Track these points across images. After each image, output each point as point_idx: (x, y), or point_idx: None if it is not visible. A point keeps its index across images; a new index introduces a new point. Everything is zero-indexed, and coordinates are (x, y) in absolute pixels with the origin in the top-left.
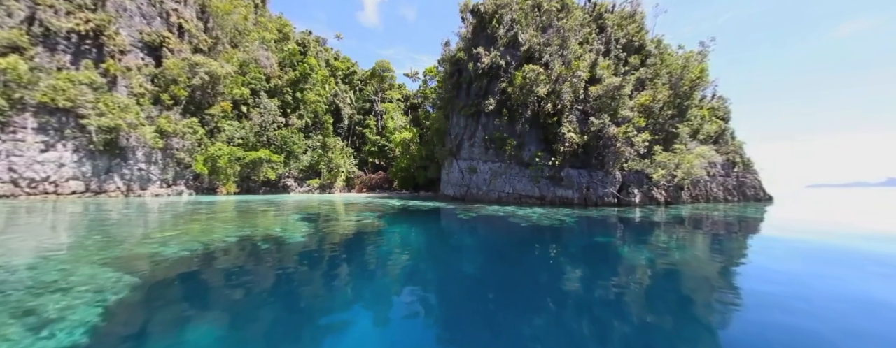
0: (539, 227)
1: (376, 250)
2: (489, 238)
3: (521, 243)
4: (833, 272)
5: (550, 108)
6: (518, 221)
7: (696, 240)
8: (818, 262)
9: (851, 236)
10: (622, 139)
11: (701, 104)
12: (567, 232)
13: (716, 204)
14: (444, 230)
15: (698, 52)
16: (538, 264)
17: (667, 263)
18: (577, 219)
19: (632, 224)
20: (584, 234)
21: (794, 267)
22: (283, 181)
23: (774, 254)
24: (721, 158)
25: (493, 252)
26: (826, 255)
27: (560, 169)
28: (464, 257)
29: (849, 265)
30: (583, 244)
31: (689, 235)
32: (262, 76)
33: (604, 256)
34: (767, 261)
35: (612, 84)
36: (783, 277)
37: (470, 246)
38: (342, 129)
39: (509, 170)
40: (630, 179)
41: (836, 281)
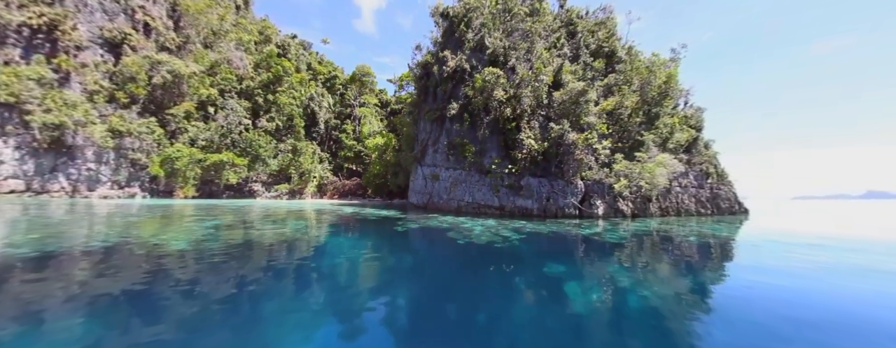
0: (471, 247)
1: (236, 268)
2: (401, 260)
3: (433, 269)
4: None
5: (509, 113)
6: (455, 237)
7: (658, 274)
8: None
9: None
10: (582, 146)
11: (674, 112)
12: (499, 255)
13: (687, 217)
14: (356, 245)
15: (670, 59)
16: (423, 298)
17: (617, 316)
18: (525, 235)
19: (585, 245)
20: (517, 259)
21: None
22: (249, 186)
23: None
24: (683, 167)
25: (382, 279)
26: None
27: (520, 177)
28: (331, 285)
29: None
30: (505, 276)
31: (652, 263)
32: (233, 77)
33: (524, 302)
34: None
35: (575, 89)
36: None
37: (365, 269)
38: (318, 134)
39: (469, 179)
40: (594, 190)
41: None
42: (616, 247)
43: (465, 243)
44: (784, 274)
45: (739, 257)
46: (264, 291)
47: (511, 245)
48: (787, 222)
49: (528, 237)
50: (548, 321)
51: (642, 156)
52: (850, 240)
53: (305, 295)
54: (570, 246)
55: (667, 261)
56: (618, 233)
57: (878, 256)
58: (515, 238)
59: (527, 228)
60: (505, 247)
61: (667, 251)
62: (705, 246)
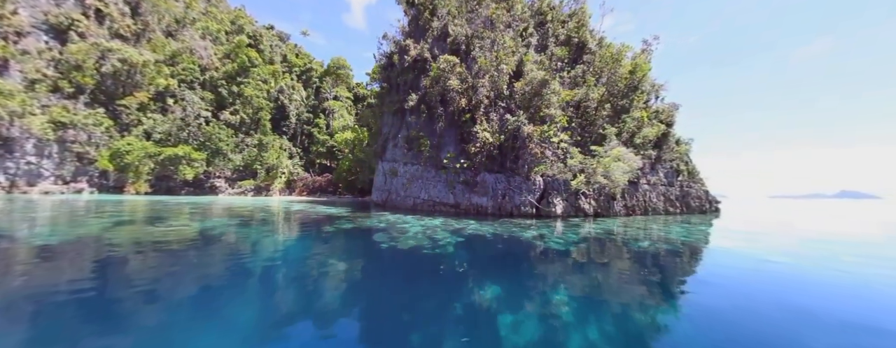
0: (390, 254)
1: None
2: (287, 271)
3: (312, 284)
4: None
5: (464, 104)
6: (382, 241)
7: (586, 302)
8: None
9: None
10: (537, 139)
11: (645, 106)
12: (414, 266)
13: (655, 216)
14: (253, 250)
15: (641, 50)
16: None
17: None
18: (463, 239)
19: (524, 253)
20: (428, 272)
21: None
22: (210, 181)
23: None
24: (641, 162)
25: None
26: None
27: (477, 173)
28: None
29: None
30: (395, 297)
31: (604, 280)
32: (195, 67)
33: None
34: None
35: (536, 79)
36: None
37: (223, 282)
38: (288, 128)
39: (426, 175)
40: (554, 187)
41: None
42: (558, 256)
43: (388, 247)
44: (724, 294)
45: (684, 269)
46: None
47: (438, 252)
48: (752, 222)
49: (466, 241)
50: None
51: (599, 150)
52: (804, 249)
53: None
54: (506, 254)
55: (605, 279)
56: (568, 237)
57: (818, 269)
58: (450, 242)
59: (469, 229)
60: (430, 254)
61: (609, 263)
62: (654, 255)
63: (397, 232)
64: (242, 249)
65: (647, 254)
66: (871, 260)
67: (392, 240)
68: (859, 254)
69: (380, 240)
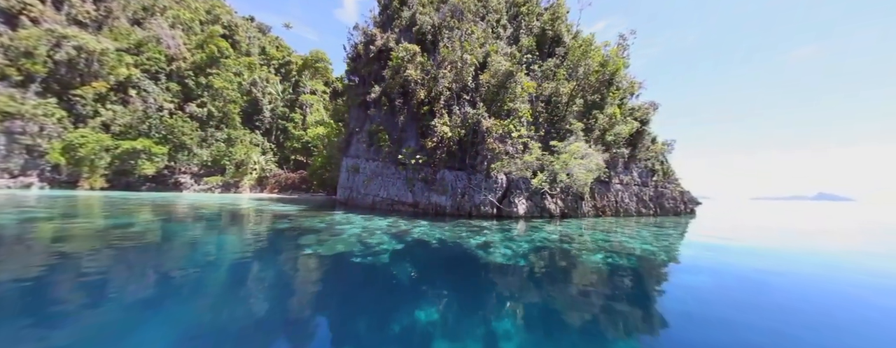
0: (313, 260)
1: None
2: (174, 281)
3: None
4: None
5: (423, 96)
6: (307, 244)
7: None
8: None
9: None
10: (496, 134)
11: (622, 104)
12: (319, 279)
13: (627, 218)
14: (156, 255)
15: (617, 45)
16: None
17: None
18: (403, 246)
19: (462, 266)
20: (336, 290)
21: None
22: (174, 177)
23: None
24: (600, 158)
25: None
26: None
27: (437, 171)
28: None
29: None
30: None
31: (525, 319)
32: (161, 57)
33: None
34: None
35: (500, 70)
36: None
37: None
38: (262, 122)
39: (385, 171)
40: (518, 185)
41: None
42: (492, 276)
43: (310, 253)
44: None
45: (628, 300)
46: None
47: (359, 262)
48: (725, 229)
49: (402, 249)
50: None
51: (559, 146)
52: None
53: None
54: (437, 268)
55: (527, 318)
56: (517, 247)
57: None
58: (384, 249)
59: (415, 233)
60: (350, 263)
61: (544, 289)
62: (602, 275)
63: (331, 234)
64: (129, 250)
65: (596, 272)
66: (871, 293)
67: (320, 243)
68: (848, 270)
69: (307, 242)
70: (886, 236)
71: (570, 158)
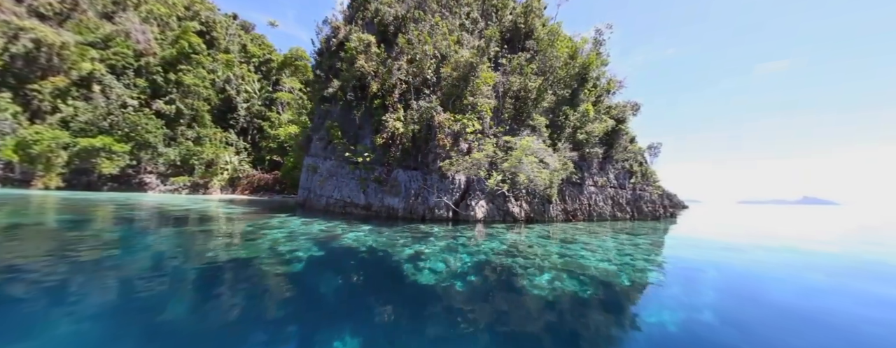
0: (182, 269)
1: None
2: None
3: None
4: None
5: (376, 89)
6: (211, 249)
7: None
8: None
9: None
10: (449, 129)
11: (599, 101)
12: (188, 293)
13: (601, 222)
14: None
15: (593, 40)
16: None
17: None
18: (323, 254)
19: (384, 286)
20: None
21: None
22: (139, 177)
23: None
24: (553, 157)
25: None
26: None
27: (391, 170)
28: None
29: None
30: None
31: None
32: (128, 52)
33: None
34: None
35: (461, 62)
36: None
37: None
38: (236, 121)
39: (340, 171)
40: (477, 186)
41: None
42: (410, 302)
43: (205, 259)
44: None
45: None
46: None
47: (263, 271)
48: (703, 235)
49: (319, 259)
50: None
51: (511, 141)
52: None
53: None
54: (342, 287)
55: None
56: (459, 259)
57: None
58: (297, 257)
59: (347, 239)
60: (248, 274)
61: (463, 329)
62: (544, 306)
63: (247, 238)
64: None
65: (533, 305)
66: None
67: (226, 248)
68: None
69: (210, 247)
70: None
71: (522, 155)
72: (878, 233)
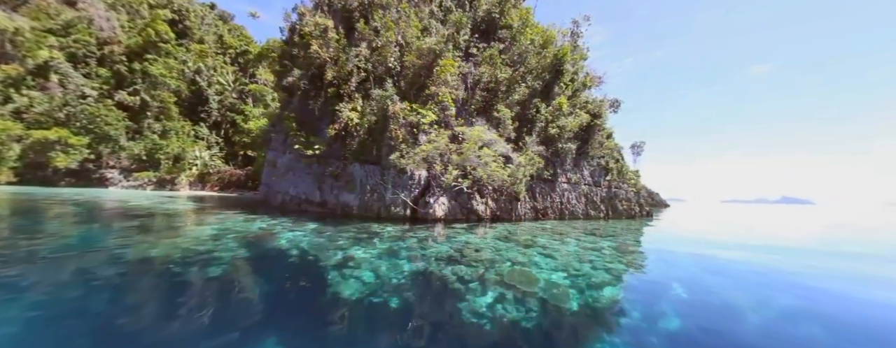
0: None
1: None
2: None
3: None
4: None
5: (331, 76)
6: (122, 246)
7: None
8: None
9: None
10: (404, 120)
11: (575, 96)
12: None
13: (572, 221)
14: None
15: (571, 32)
16: None
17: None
18: (246, 256)
19: (303, 293)
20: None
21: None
22: (100, 172)
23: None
24: (505, 146)
25: None
26: None
27: (348, 164)
28: None
29: None
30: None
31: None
32: (90, 40)
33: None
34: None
35: (423, 49)
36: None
37: None
38: (208, 114)
39: (296, 165)
40: (436, 182)
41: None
42: (312, 323)
43: (109, 256)
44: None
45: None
46: None
47: (161, 274)
48: (679, 237)
49: (237, 262)
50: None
51: (463, 132)
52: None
53: None
54: (240, 302)
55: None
56: (396, 267)
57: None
58: (216, 257)
59: (285, 238)
60: (143, 279)
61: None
62: (479, 334)
63: (169, 237)
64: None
65: (462, 340)
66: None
67: (141, 245)
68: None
69: (125, 243)
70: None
71: (473, 147)
72: (851, 232)
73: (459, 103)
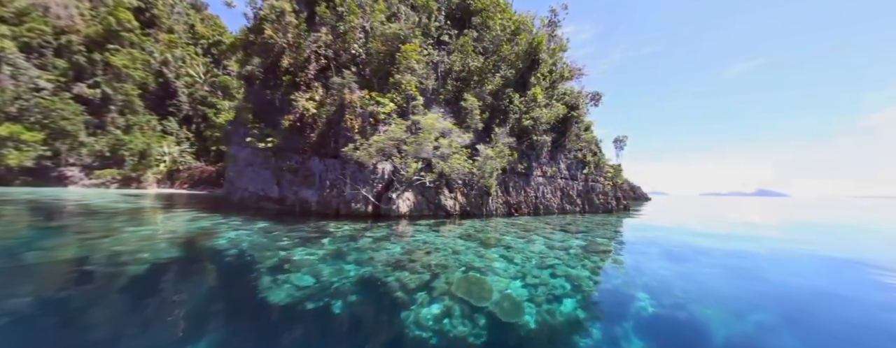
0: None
1: None
2: None
3: None
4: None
5: (286, 64)
6: (38, 249)
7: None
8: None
9: None
10: (361, 109)
11: (553, 87)
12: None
13: (547, 216)
14: None
15: (549, 21)
16: None
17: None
18: (167, 260)
19: (227, 302)
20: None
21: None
22: (59, 170)
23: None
24: (464, 136)
25: None
26: None
27: (308, 158)
28: None
29: None
30: None
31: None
32: (45, 28)
33: None
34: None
35: (387, 34)
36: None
37: None
38: (177, 108)
39: (255, 160)
40: (395, 176)
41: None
42: (255, 319)
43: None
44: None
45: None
46: None
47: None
48: (649, 229)
49: (164, 264)
50: None
51: (418, 120)
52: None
53: None
54: (164, 302)
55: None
56: (341, 271)
57: None
58: (142, 257)
59: (227, 237)
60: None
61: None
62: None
63: (100, 236)
64: None
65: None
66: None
67: (60, 247)
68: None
69: (47, 244)
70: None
71: (429, 136)
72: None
73: (429, 93)
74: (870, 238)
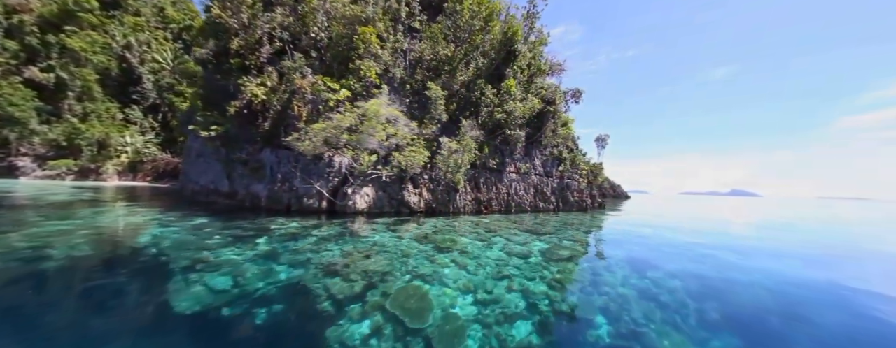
0: None
1: None
2: None
3: None
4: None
5: (235, 46)
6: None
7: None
8: None
9: None
10: (311, 96)
11: (532, 82)
12: None
13: (519, 214)
14: None
15: (527, 12)
16: None
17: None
18: (65, 261)
19: (133, 312)
20: None
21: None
22: (8, 160)
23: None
24: (409, 124)
25: None
26: None
27: (260, 149)
28: None
29: None
30: None
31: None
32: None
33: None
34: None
35: (347, 15)
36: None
37: None
38: (142, 96)
39: (206, 151)
40: (349, 170)
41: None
42: (153, 327)
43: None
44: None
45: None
46: None
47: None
48: (621, 229)
49: (66, 266)
50: None
51: (365, 107)
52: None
53: None
54: (59, 302)
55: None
56: (271, 270)
57: None
58: (46, 258)
59: (151, 234)
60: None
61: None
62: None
63: (7, 230)
64: None
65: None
66: None
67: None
68: None
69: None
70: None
71: (373, 124)
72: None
73: (396, 82)
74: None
